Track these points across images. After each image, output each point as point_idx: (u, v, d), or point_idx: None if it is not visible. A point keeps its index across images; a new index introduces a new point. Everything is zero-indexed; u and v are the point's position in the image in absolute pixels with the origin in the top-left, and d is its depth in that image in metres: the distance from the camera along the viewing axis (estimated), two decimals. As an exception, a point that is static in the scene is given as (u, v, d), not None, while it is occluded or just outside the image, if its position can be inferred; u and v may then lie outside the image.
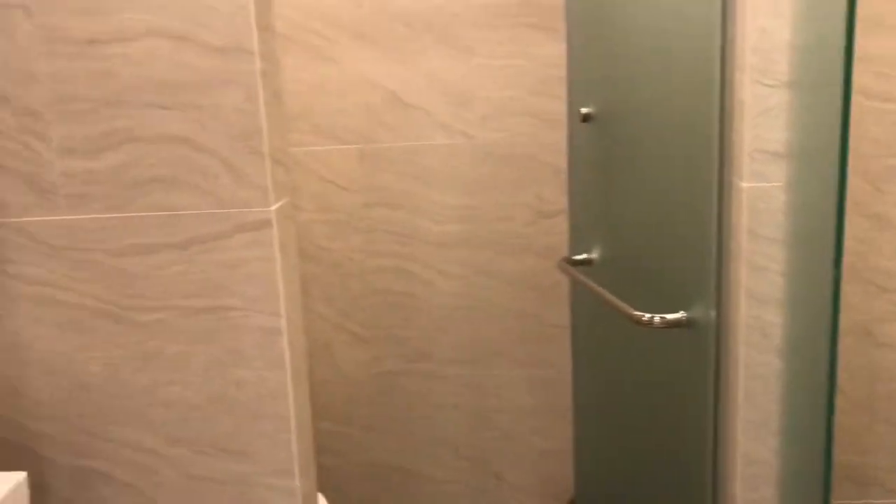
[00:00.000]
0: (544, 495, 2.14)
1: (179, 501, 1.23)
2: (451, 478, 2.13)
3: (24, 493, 1.10)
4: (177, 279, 1.16)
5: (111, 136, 1.12)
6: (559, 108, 1.94)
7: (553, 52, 1.91)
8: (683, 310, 1.38)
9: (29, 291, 1.18)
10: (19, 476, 1.09)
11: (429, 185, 1.98)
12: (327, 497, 2.08)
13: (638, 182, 1.56)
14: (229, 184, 1.14)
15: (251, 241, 1.15)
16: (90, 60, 1.11)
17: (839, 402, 1.21)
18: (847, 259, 1.17)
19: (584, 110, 1.75)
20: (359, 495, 2.13)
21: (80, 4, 1.09)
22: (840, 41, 1.08)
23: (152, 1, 1.09)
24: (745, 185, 1.20)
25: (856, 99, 1.15)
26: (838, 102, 1.10)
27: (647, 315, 1.38)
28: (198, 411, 1.20)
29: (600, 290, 1.57)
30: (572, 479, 2.13)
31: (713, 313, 1.30)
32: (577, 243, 1.94)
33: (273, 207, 1.15)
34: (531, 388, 2.08)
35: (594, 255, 1.81)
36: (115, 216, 1.14)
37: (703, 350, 1.34)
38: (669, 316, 1.38)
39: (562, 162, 1.97)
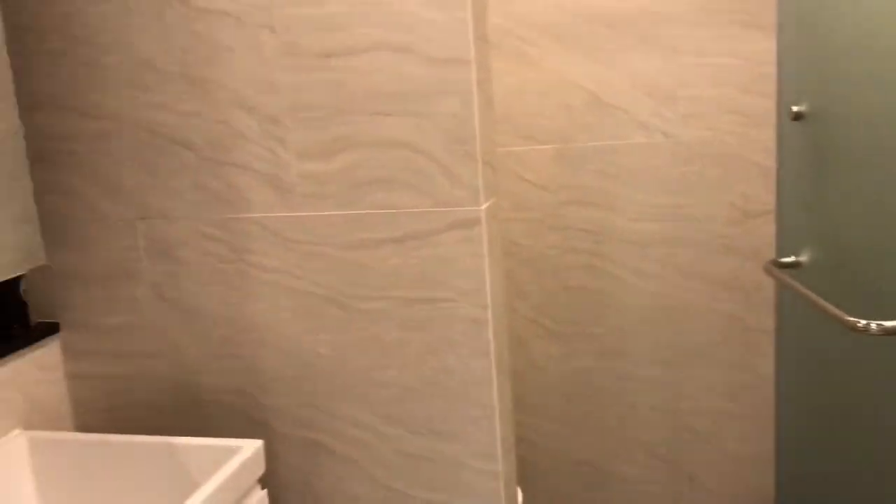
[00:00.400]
0: (740, 501, 2.08)
1: (393, 476, 1.33)
2: (644, 477, 2.12)
3: (261, 458, 1.24)
4: (396, 272, 1.26)
5: (341, 140, 1.24)
6: (766, 105, 1.88)
7: (762, 48, 1.85)
8: (904, 317, 1.30)
9: (267, 279, 1.32)
10: (257, 443, 1.24)
11: (626, 183, 1.99)
12: (521, 487, 2.14)
13: (857, 183, 1.49)
14: (444, 184, 1.21)
15: (462, 238, 1.22)
16: (324, 72, 1.22)
17: None
18: None
19: (795, 108, 1.68)
20: (551, 488, 2.17)
21: (316, 22, 1.21)
22: None
23: (379, 17, 1.18)
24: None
25: None
26: None
27: (864, 322, 1.31)
28: (412, 394, 1.29)
29: (811, 294, 1.51)
30: (772, 487, 2.06)
31: (939, 322, 1.22)
32: (785, 245, 1.86)
33: (483, 206, 1.21)
34: (730, 391, 2.03)
35: (804, 258, 1.74)
36: (343, 213, 1.26)
37: (927, 361, 1.26)
38: (888, 323, 1.30)
39: (768, 161, 1.90)
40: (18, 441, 1.32)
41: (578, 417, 2.12)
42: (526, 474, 2.17)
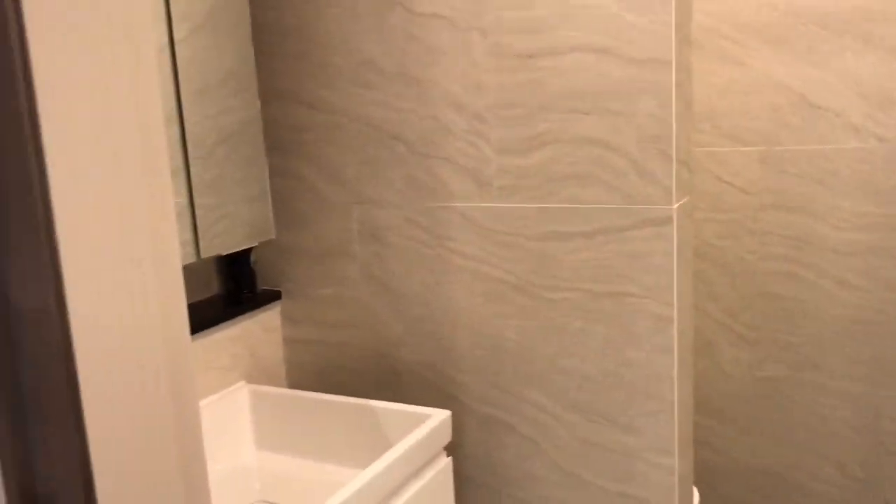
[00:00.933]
0: (944, 538, 1.94)
1: (571, 461, 1.39)
2: (834, 496, 2.03)
3: (448, 428, 1.35)
4: (584, 265, 1.31)
5: (539, 137, 1.31)
6: None
7: None
8: None
9: (464, 265, 1.42)
10: (446, 414, 1.34)
11: (833, 189, 1.90)
12: (698, 490, 2.13)
13: None
14: (637, 182, 1.25)
15: (652, 235, 1.26)
16: (528, 72, 1.30)
17: None
18: None
19: None
20: (730, 494, 2.13)
21: (523, 25, 1.29)
22: None
23: (583, 20, 1.24)
24: None
25: None
26: None
27: None
28: (592, 383, 1.34)
29: None
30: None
31: None
32: None
33: (675, 205, 1.24)
34: (938, 417, 1.90)
35: None
36: (537, 206, 1.33)
37: None
38: None
39: None
40: (242, 392, 1.52)
41: (765, 426, 2.06)
42: (706, 478, 2.14)
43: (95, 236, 0.62)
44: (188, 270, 1.48)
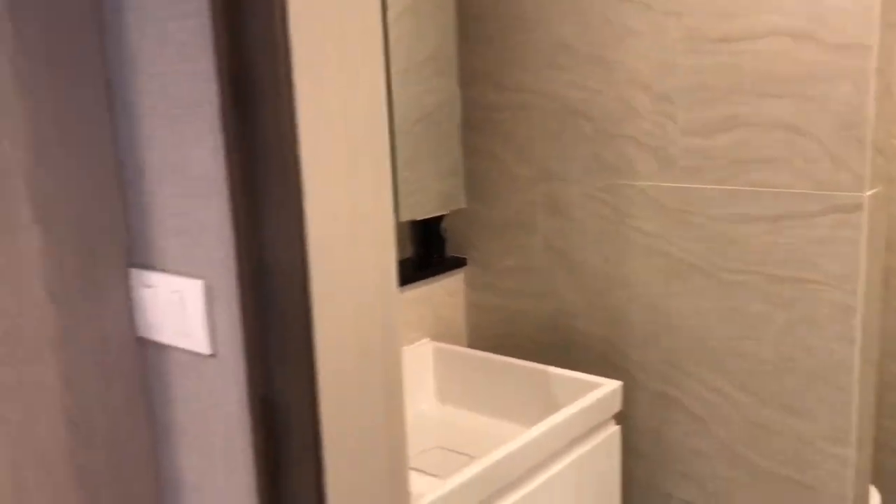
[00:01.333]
0: None
1: (739, 441, 1.40)
2: None
3: (618, 398, 1.40)
4: (766, 248, 1.32)
5: (728, 120, 1.32)
6: None
7: None
8: None
9: (643, 241, 1.46)
10: (616, 384, 1.40)
11: None
12: (883, 496, 2.04)
13: None
14: (827, 168, 1.24)
15: (840, 223, 1.24)
16: (721, 55, 1.31)
17: None
18: None
19: None
20: (916, 505, 2.02)
21: (719, 9, 1.30)
22: None
23: (782, 3, 1.24)
24: None
25: None
26: None
27: None
28: (767, 366, 1.35)
29: None
30: None
31: None
32: None
33: (866, 193, 1.21)
34: None
35: None
36: (720, 188, 1.35)
37: None
38: None
39: None
40: (426, 348, 1.65)
41: (961, 436, 1.94)
42: (891, 485, 2.04)
43: (332, 201, 0.74)
44: (386, 233, 1.62)
